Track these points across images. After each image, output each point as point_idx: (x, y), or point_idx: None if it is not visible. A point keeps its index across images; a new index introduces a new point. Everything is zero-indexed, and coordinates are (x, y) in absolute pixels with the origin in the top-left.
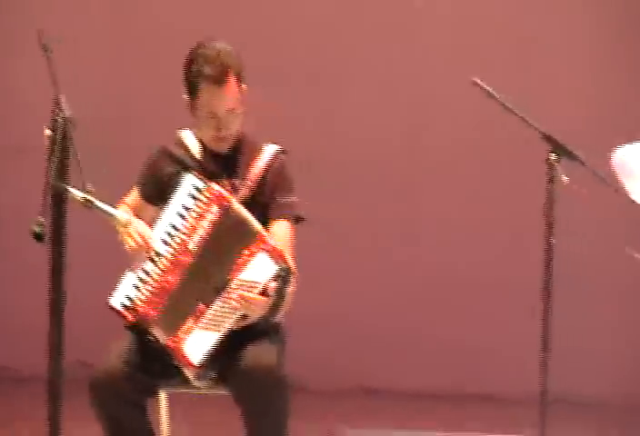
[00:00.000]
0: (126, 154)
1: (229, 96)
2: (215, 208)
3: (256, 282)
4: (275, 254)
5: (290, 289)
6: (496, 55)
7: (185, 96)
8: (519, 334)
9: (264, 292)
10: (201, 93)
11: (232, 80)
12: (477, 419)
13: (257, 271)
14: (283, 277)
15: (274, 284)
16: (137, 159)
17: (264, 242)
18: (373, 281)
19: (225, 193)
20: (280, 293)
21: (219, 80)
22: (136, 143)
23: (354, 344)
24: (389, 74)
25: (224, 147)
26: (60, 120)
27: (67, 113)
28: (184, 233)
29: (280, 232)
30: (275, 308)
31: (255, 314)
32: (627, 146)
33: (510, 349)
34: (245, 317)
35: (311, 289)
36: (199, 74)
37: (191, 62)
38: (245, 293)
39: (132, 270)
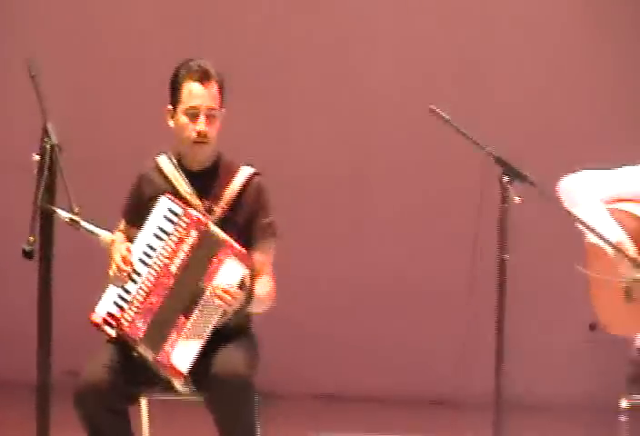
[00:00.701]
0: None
1: (210, 95)
2: (193, 233)
3: (230, 285)
4: (242, 257)
5: (262, 289)
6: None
7: (169, 106)
8: (475, 339)
9: (240, 287)
10: (183, 90)
11: (214, 84)
12: (441, 423)
13: (228, 275)
14: (250, 278)
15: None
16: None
17: (230, 247)
18: (340, 288)
19: (203, 218)
20: (249, 291)
21: (202, 78)
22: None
23: (322, 351)
24: (341, 88)
25: (202, 156)
26: (48, 146)
27: (54, 139)
28: (165, 257)
29: (264, 251)
30: (245, 304)
31: (233, 308)
32: (571, 175)
33: (467, 353)
34: (224, 314)
35: (282, 297)
36: (183, 75)
37: (176, 72)
38: (223, 294)
39: (114, 285)
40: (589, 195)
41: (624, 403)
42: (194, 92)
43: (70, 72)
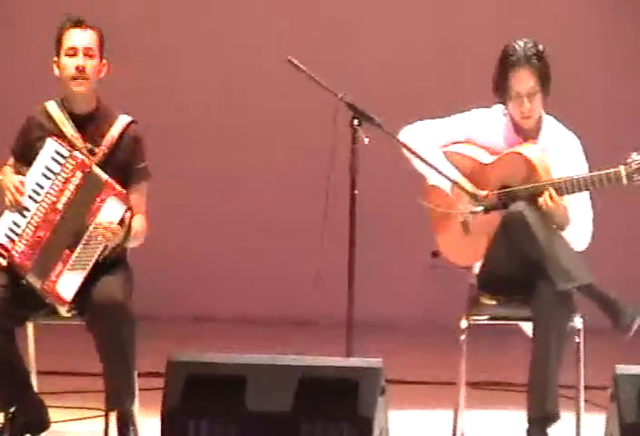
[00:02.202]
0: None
1: (87, 37)
2: (78, 174)
3: (110, 222)
4: (122, 197)
5: (140, 226)
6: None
7: (55, 58)
8: (330, 267)
9: (120, 223)
10: (64, 38)
11: (90, 29)
12: (293, 341)
13: (109, 212)
14: (130, 215)
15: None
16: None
17: (112, 188)
18: (215, 224)
19: (87, 161)
20: (127, 227)
21: (78, 24)
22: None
23: (198, 278)
24: (216, 42)
25: (83, 94)
26: None
27: None
28: (53, 195)
29: (138, 193)
30: (125, 236)
31: (113, 243)
32: (409, 126)
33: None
34: (105, 248)
35: (161, 230)
36: (62, 26)
37: (58, 26)
38: (106, 232)
39: (10, 212)
40: (427, 142)
41: (463, 324)
42: (72, 35)
43: None
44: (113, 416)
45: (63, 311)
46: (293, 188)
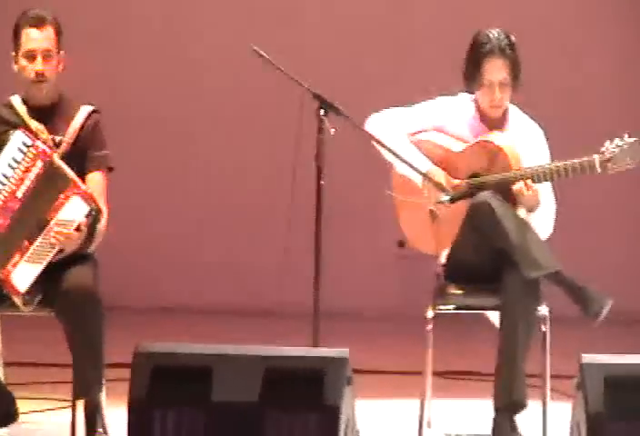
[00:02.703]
0: None
1: (46, 38)
2: (39, 163)
3: (71, 221)
4: (87, 197)
5: (100, 226)
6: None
7: (13, 53)
8: (295, 257)
9: (77, 229)
10: (22, 36)
11: (49, 28)
12: (259, 331)
13: (72, 211)
14: (93, 216)
15: (85, 221)
16: None
17: (77, 187)
18: (172, 215)
19: (48, 150)
20: (91, 229)
21: (37, 23)
22: None
23: (164, 269)
24: (171, 35)
25: (43, 94)
26: None
27: None
28: (13, 183)
29: (95, 181)
30: (87, 242)
31: (70, 248)
32: (376, 114)
33: (289, 269)
34: (62, 251)
35: (119, 223)
36: (21, 23)
37: (17, 20)
38: (63, 230)
39: None
40: (395, 131)
41: (430, 313)
42: (30, 36)
43: None
44: (80, 406)
45: (18, 302)
46: (259, 179)
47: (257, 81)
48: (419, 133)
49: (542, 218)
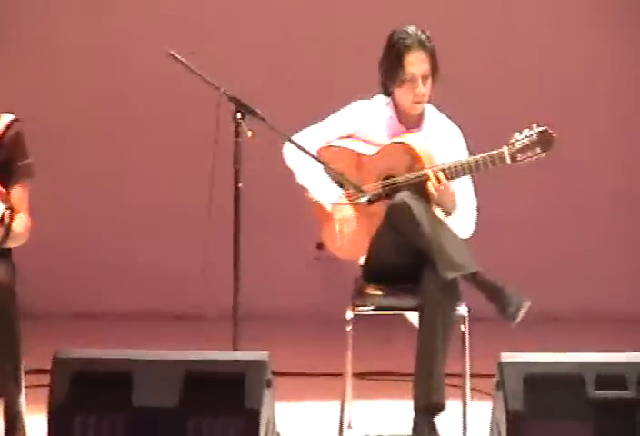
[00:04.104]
0: None
1: None
2: None
3: None
4: (2, 196)
5: (19, 227)
6: None
7: None
8: (214, 259)
9: None
10: None
11: None
12: (178, 335)
13: None
14: (9, 214)
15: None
16: None
17: None
18: (89, 219)
19: None
20: (7, 227)
21: None
22: None
23: (83, 274)
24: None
25: None
26: None
27: None
28: None
29: (21, 190)
30: (3, 238)
31: None
32: (287, 143)
33: (209, 272)
34: None
35: (38, 229)
36: None
37: None
38: None
39: None
40: (307, 160)
41: (349, 314)
42: None
43: None
44: None
45: None
46: (177, 182)
47: (177, 85)
48: (333, 141)
49: (462, 217)
